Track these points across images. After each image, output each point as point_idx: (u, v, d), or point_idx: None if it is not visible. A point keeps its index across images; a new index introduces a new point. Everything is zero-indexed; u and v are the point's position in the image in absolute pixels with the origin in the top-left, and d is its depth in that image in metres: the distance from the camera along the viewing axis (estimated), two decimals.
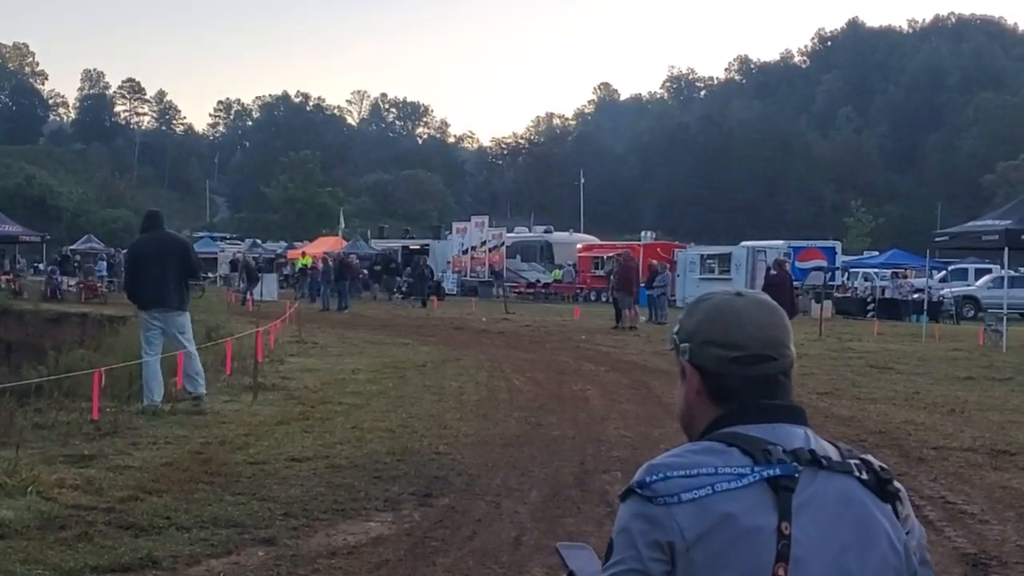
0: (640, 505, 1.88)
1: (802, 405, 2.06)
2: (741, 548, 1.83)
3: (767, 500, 1.86)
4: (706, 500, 1.85)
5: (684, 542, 1.84)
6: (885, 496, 1.96)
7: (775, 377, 2.02)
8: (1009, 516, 8.07)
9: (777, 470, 1.88)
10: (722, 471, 1.88)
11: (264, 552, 6.78)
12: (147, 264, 12.69)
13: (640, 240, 54.93)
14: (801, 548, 1.84)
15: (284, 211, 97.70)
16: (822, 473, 1.93)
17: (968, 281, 44.27)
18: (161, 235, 13.19)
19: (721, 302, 2.08)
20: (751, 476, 1.87)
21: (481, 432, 11.58)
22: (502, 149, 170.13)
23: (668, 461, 1.91)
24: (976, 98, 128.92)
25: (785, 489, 1.87)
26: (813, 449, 1.94)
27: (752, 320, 2.03)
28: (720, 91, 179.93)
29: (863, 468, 1.96)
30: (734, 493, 1.85)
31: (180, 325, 12.81)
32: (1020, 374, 18.37)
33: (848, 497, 1.93)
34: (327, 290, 41.49)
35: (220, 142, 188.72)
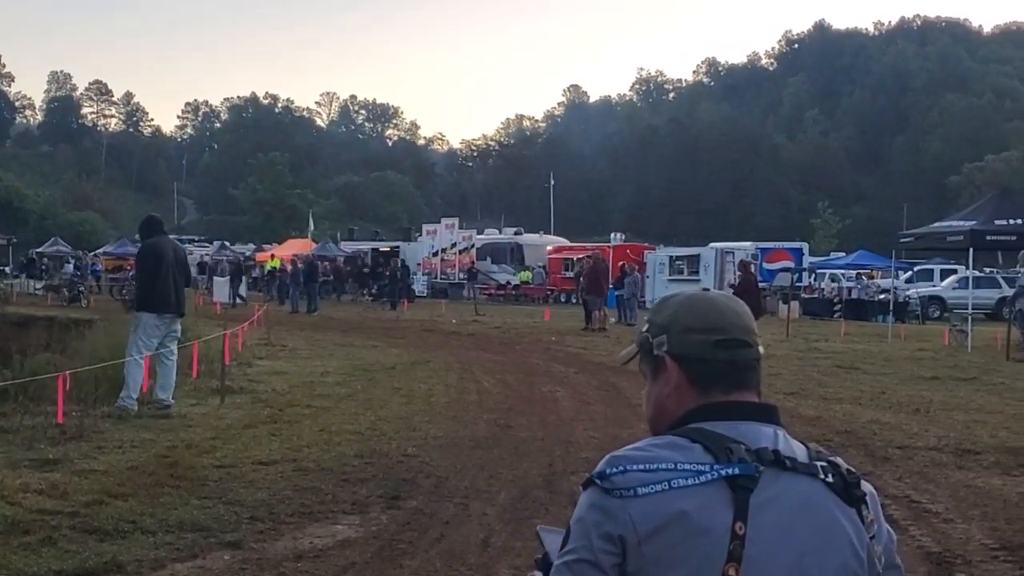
0: (597, 496, 1.88)
1: (774, 404, 2.06)
2: (693, 546, 1.82)
3: (724, 499, 1.85)
4: (662, 495, 1.84)
5: (636, 536, 1.83)
6: (851, 500, 1.94)
7: (752, 363, 2.04)
8: (973, 515, 8.14)
9: (736, 469, 1.87)
10: (681, 467, 1.86)
11: (230, 556, 6.76)
12: (168, 268, 12.67)
13: (610, 242, 55.09)
14: (755, 549, 1.83)
15: (253, 213, 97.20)
16: (785, 474, 1.91)
17: (934, 282, 44.62)
18: (171, 241, 13.30)
19: (693, 295, 2.10)
20: (709, 474, 1.86)
21: (450, 434, 11.58)
22: (472, 151, 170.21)
23: (629, 454, 1.91)
24: (941, 100, 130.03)
25: (743, 489, 1.86)
26: (778, 449, 1.93)
27: (728, 308, 2.06)
28: (688, 93, 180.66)
29: (829, 471, 1.95)
30: (691, 490, 1.84)
31: (177, 331, 12.95)
32: (985, 374, 18.54)
33: (810, 500, 1.91)
34: (296, 292, 41.35)
35: (188, 144, 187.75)
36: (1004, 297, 34.24)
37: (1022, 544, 7.25)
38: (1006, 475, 9.59)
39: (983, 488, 9.04)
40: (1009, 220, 24.99)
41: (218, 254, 60.88)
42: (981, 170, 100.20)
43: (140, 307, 12.95)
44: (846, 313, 37.95)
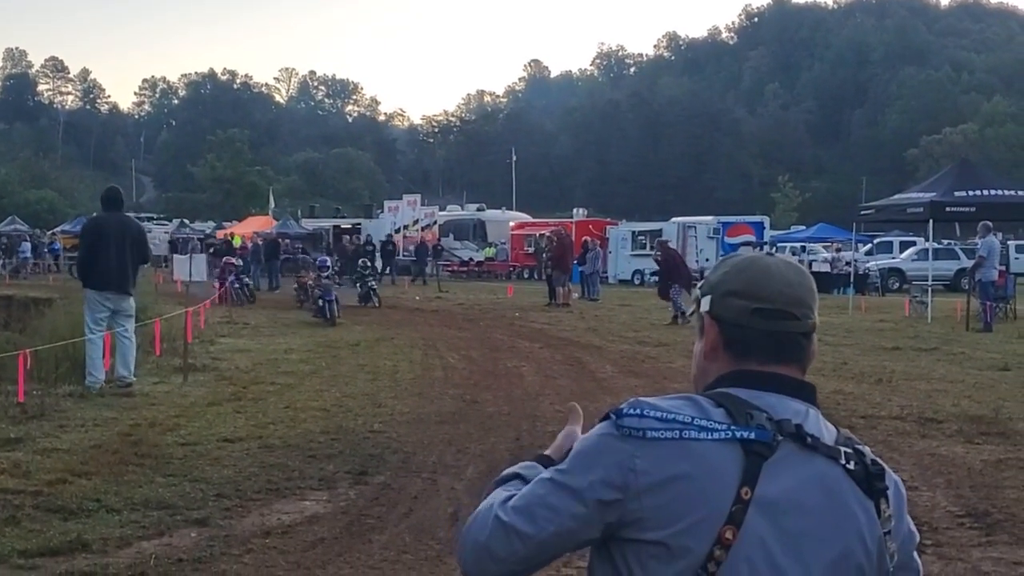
0: (609, 430, 1.86)
1: (812, 383, 2.00)
2: (693, 503, 1.80)
3: (735, 461, 1.81)
4: (670, 444, 1.81)
5: (637, 485, 1.81)
6: (871, 491, 1.89)
7: (794, 337, 1.97)
8: (938, 483, 8.22)
9: (752, 434, 1.82)
10: (697, 422, 1.83)
11: (197, 533, 6.71)
12: (108, 244, 12.42)
13: (572, 217, 55.08)
14: (759, 520, 1.80)
15: (212, 191, 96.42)
16: (804, 451, 1.87)
17: (893, 254, 44.96)
18: (121, 216, 12.97)
19: (752, 257, 2.05)
20: (724, 432, 1.82)
21: (416, 410, 11.56)
22: (433, 127, 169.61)
23: (651, 401, 1.88)
24: (900, 74, 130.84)
25: (756, 455, 1.82)
26: (800, 424, 1.88)
27: (780, 276, 1.98)
28: (649, 68, 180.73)
29: (853, 458, 1.90)
30: (702, 445, 1.81)
31: (128, 308, 12.66)
32: (945, 344, 18.71)
33: (825, 482, 1.87)
34: (257, 270, 41.07)
35: (146, 121, 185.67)
36: (963, 268, 34.58)
37: (987, 511, 7.33)
38: (969, 443, 9.69)
39: (947, 456, 9.12)
40: (968, 192, 25.18)
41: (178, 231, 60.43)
42: (939, 143, 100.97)
43: (83, 284, 12.84)
44: None
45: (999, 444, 9.63)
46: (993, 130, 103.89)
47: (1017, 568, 6.14)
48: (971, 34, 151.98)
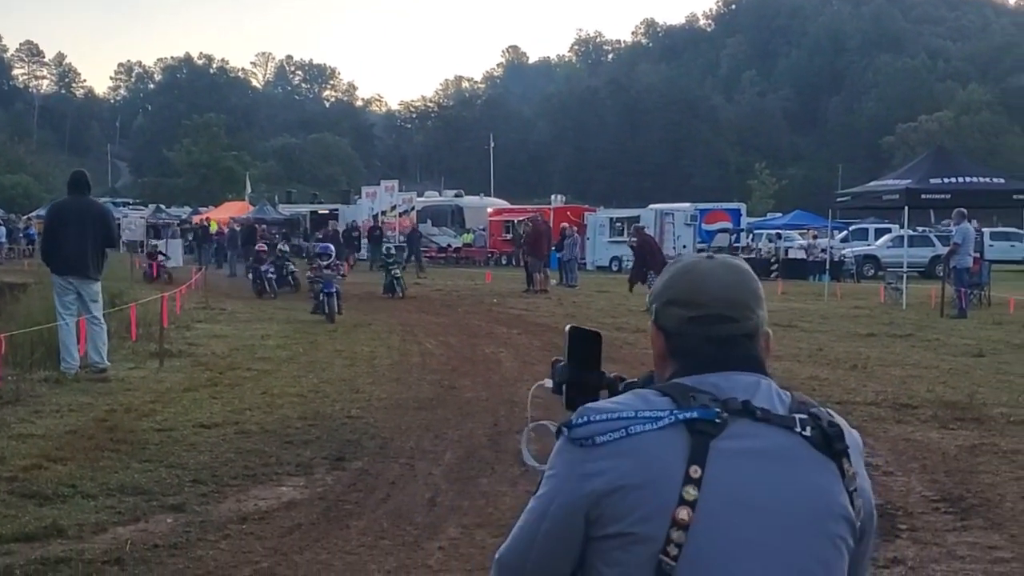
0: (564, 444, 1.93)
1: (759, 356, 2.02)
2: (646, 491, 1.84)
3: (681, 443, 1.85)
4: (619, 443, 1.86)
5: (593, 486, 1.87)
6: (831, 453, 1.92)
7: (735, 338, 2.00)
8: (913, 467, 8.27)
9: (695, 413, 1.87)
10: (641, 414, 1.88)
11: (173, 519, 6.69)
12: (68, 228, 12.33)
13: (550, 203, 55.07)
14: (712, 496, 1.83)
15: (188, 176, 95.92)
16: (756, 424, 1.90)
17: (868, 241, 45.16)
18: (84, 200, 12.85)
19: (688, 263, 2.09)
20: (667, 419, 1.87)
21: (394, 396, 11.55)
22: (411, 113, 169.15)
23: (597, 405, 1.94)
24: (876, 61, 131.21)
25: (702, 433, 1.85)
26: (748, 400, 1.91)
27: (716, 280, 2.01)
28: (627, 54, 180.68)
29: (808, 423, 1.92)
30: (648, 435, 1.86)
31: (93, 294, 12.54)
32: (920, 330, 18.81)
33: (780, 451, 1.89)
34: (234, 256, 40.94)
35: (121, 106, 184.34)
36: (937, 255, 34.77)
37: (961, 496, 7.38)
38: (943, 429, 9.75)
39: (922, 441, 9.18)
40: (943, 179, 25.30)
41: (153, 216, 60.11)
42: (915, 130, 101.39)
43: (48, 268, 12.81)
44: (783, 272, 38.33)
45: (973, 430, 9.70)
46: (968, 118, 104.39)
47: (992, 552, 6.18)
48: (947, 22, 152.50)
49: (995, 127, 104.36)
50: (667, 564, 1.81)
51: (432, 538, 6.45)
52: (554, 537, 1.93)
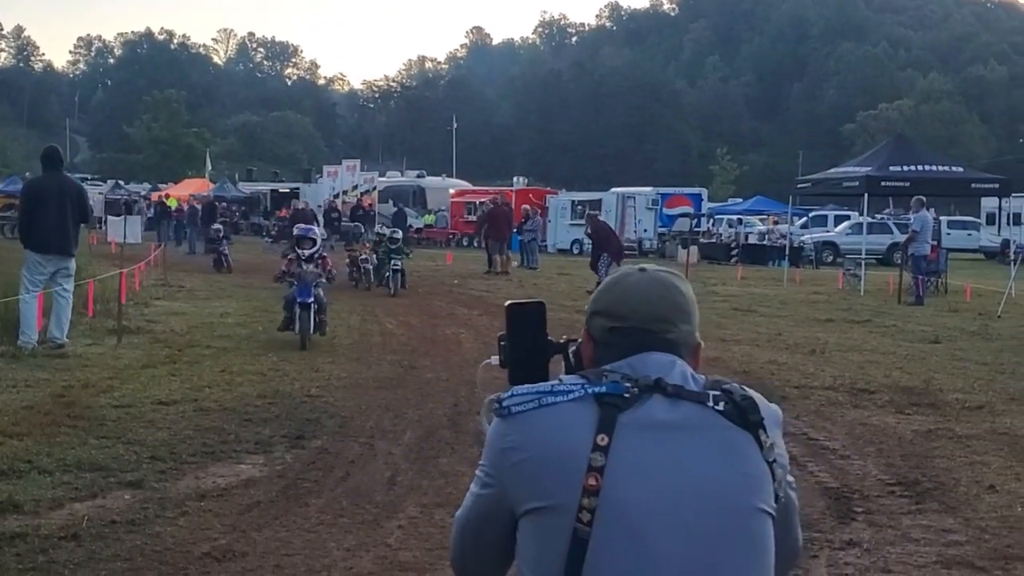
0: (495, 419, 2.03)
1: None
2: (557, 460, 1.92)
3: (590, 415, 1.94)
4: (531, 413, 1.96)
5: (509, 458, 1.97)
6: (747, 425, 1.98)
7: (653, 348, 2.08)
8: (869, 451, 8.35)
9: (604, 388, 1.96)
10: (556, 388, 1.98)
11: (130, 495, 6.65)
12: (46, 206, 12.20)
13: (512, 186, 55.04)
14: (621, 462, 1.90)
15: (148, 152, 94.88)
16: (668, 399, 1.97)
17: (828, 227, 45.49)
18: (60, 177, 12.71)
19: (617, 276, 2.17)
20: (578, 391, 1.96)
21: (354, 375, 11.52)
22: (374, 92, 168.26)
23: (523, 387, 2.03)
24: (838, 49, 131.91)
25: (610, 405, 1.93)
26: (660, 377, 1.98)
27: (640, 294, 2.09)
28: (591, 38, 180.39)
29: (722, 399, 1.99)
30: (559, 407, 1.96)
31: (68, 270, 12.48)
32: (877, 316, 18.99)
33: (692, 424, 1.96)
34: (193, 233, 40.65)
35: (81, 80, 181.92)
36: (896, 243, 35.06)
37: (916, 480, 7.47)
38: (900, 413, 9.86)
39: (878, 426, 9.27)
40: (903, 167, 25.54)
41: (112, 192, 59.53)
42: (875, 118, 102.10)
43: (24, 245, 12.63)
44: (743, 258, 38.57)
45: (929, 415, 9.81)
46: (929, 107, 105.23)
47: (946, 535, 6.26)
48: (909, 11, 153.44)
49: (954, 116, 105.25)
50: (582, 530, 1.88)
51: (391, 517, 6.45)
52: (486, 506, 2.04)
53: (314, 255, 14.02)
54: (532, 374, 2.17)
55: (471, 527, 2.08)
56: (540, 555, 1.93)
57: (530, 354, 2.25)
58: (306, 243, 14.11)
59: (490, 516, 2.04)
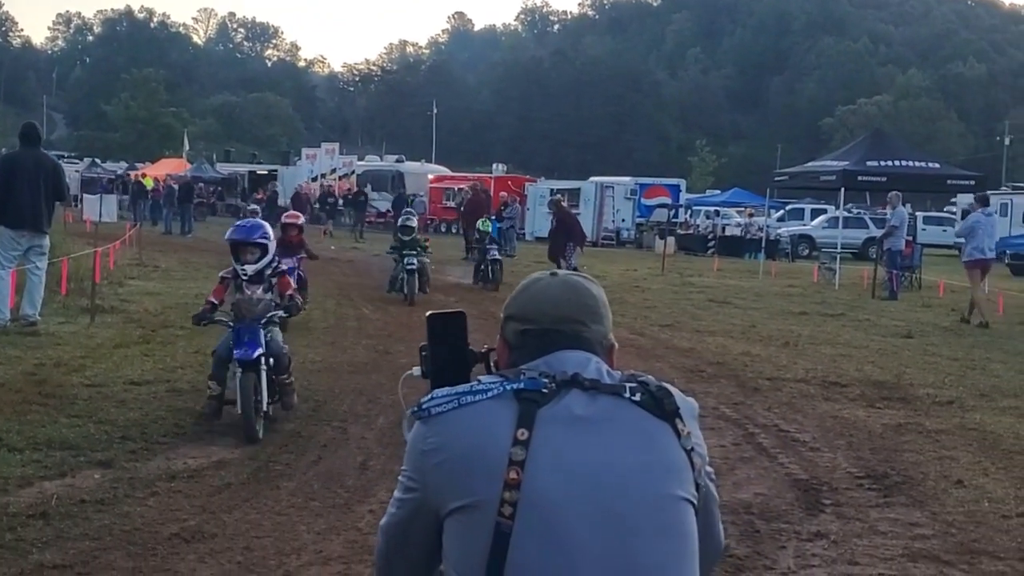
0: (415, 423, 2.07)
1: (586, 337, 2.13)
2: (479, 457, 1.95)
3: (510, 411, 1.97)
4: (451, 413, 1.99)
5: (429, 459, 2.00)
6: (663, 414, 2.03)
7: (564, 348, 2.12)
8: (839, 444, 8.41)
9: (523, 384, 1.99)
10: (474, 388, 2.02)
11: (100, 475, 6.63)
12: (22, 182, 12.09)
13: (491, 172, 54.93)
14: (540, 456, 1.93)
15: (125, 130, 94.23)
16: (585, 393, 2.01)
17: (804, 221, 45.64)
18: (37, 153, 12.61)
19: (530, 281, 2.22)
20: (496, 389, 1.99)
21: (328, 359, 11.51)
22: (354, 75, 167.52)
23: (443, 390, 2.06)
24: (819, 43, 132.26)
25: (529, 401, 1.97)
26: (577, 372, 2.03)
27: (549, 298, 2.15)
28: (573, 26, 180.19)
29: (638, 390, 2.04)
30: (478, 405, 1.99)
31: (42, 247, 12.41)
32: (851, 310, 19.09)
33: (611, 415, 2.00)
34: (169, 213, 40.46)
35: (59, 57, 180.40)
36: (871, 237, 35.23)
37: (885, 473, 7.52)
38: (871, 407, 9.92)
39: (849, 419, 9.33)
40: (880, 162, 25.65)
41: (88, 171, 59.14)
42: (854, 113, 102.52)
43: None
44: (719, 249, 38.66)
45: (900, 409, 9.88)
46: (907, 103, 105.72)
47: (913, 529, 6.31)
48: (890, 6, 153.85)
49: (932, 113, 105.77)
50: (504, 524, 1.91)
51: (362, 501, 6.45)
52: (409, 509, 2.06)
53: (264, 271, 8.47)
54: (454, 384, 2.17)
55: (397, 533, 2.10)
56: (464, 553, 1.95)
57: (451, 364, 2.26)
58: (248, 251, 8.43)
59: (415, 520, 2.06)
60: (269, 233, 8.66)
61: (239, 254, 8.48)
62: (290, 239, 14.54)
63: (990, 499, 6.98)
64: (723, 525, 2.23)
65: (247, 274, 8.41)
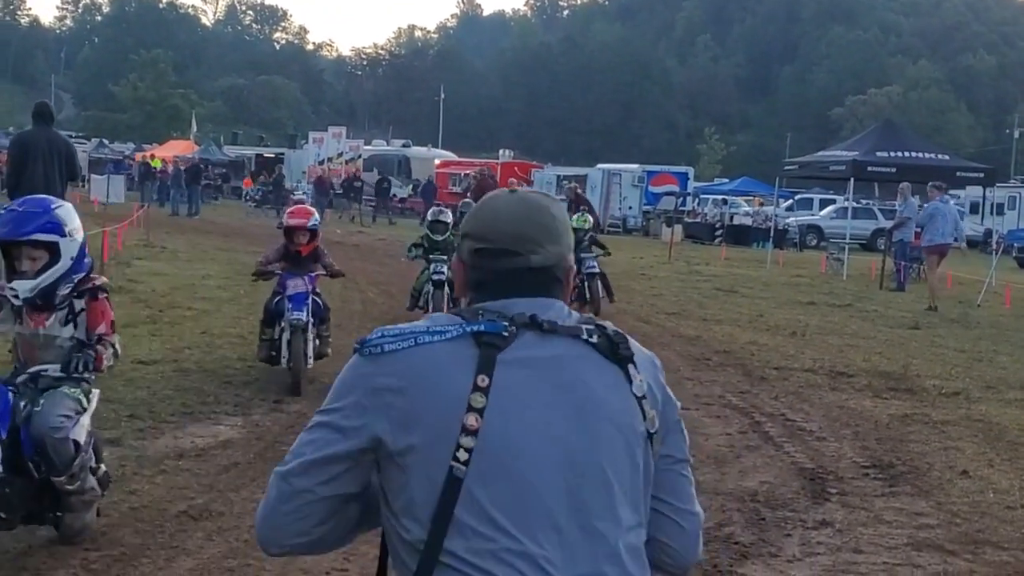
0: (356, 360, 2.00)
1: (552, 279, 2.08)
2: (435, 399, 1.90)
3: (468, 355, 1.93)
4: (406, 352, 1.94)
5: (381, 398, 1.93)
6: (617, 358, 2.01)
7: (520, 272, 2.05)
8: (845, 434, 8.41)
9: (482, 326, 1.95)
10: (432, 329, 1.96)
11: (108, 452, 6.61)
12: (36, 161, 12.11)
13: (498, 158, 54.89)
14: (500, 401, 1.90)
15: (133, 111, 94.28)
16: (544, 336, 1.98)
17: (813, 211, 45.57)
18: (50, 132, 12.61)
19: (487, 199, 2.16)
20: (455, 330, 1.95)
21: (334, 342, 11.49)
22: (362, 60, 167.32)
23: (392, 327, 2.01)
24: (829, 32, 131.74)
25: (489, 345, 1.93)
26: (535, 314, 1.99)
27: (506, 214, 2.08)
28: (583, 12, 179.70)
29: (595, 332, 2.01)
30: (435, 346, 1.94)
31: None
32: (859, 301, 19.07)
33: (567, 356, 1.98)
34: (177, 195, 40.49)
35: (67, 36, 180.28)
36: (880, 228, 35.17)
37: (891, 463, 7.53)
38: (877, 397, 9.93)
39: (855, 409, 9.34)
40: (890, 153, 25.59)
41: (96, 151, 59.18)
42: (864, 103, 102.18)
43: (10, 199, 12.56)
44: (727, 238, 38.62)
45: (906, 399, 9.88)
46: (917, 93, 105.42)
47: (917, 518, 6.32)
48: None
49: (942, 104, 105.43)
50: (458, 469, 1.87)
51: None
52: (342, 449, 1.95)
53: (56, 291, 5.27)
54: None
55: (315, 473, 1.97)
56: (412, 495, 1.91)
57: None
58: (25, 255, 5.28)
59: (346, 459, 1.96)
60: (65, 221, 5.19)
61: (10, 259, 5.25)
62: (299, 250, 9.48)
63: (995, 490, 6.98)
64: (729, 512, 2.22)
65: (19, 296, 5.10)
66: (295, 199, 20.00)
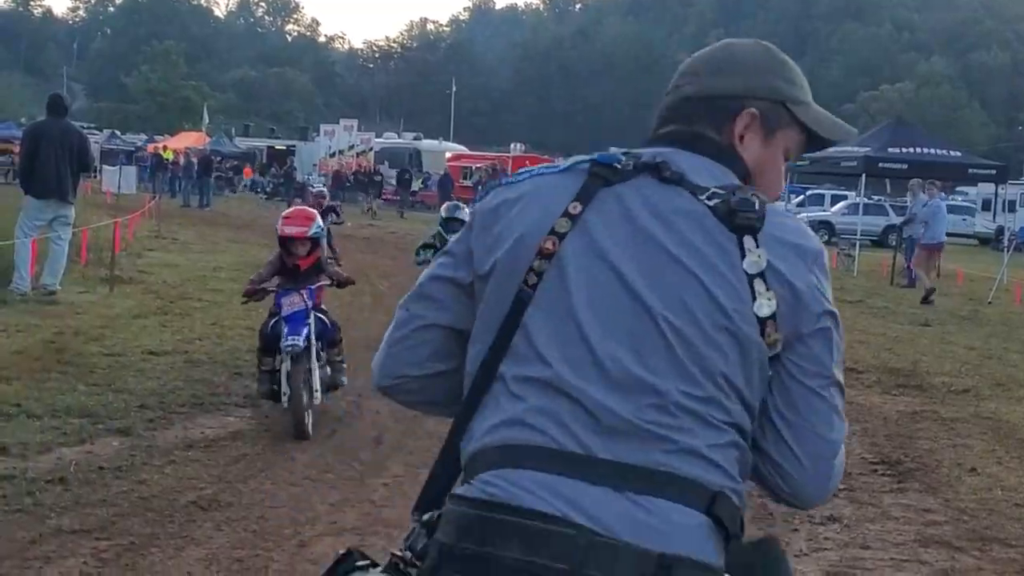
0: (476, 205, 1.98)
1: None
2: (519, 220, 1.83)
3: (574, 182, 1.85)
4: (523, 182, 1.91)
5: (477, 216, 1.92)
6: (734, 227, 1.76)
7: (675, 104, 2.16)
8: (854, 430, 8.37)
9: (596, 156, 1.89)
10: (550, 166, 1.94)
11: (118, 442, 6.68)
12: (49, 152, 12.16)
13: (510, 152, 54.87)
14: (583, 231, 1.79)
15: (145, 103, 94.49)
16: (663, 184, 1.82)
17: (824, 207, 45.45)
18: (63, 123, 12.68)
19: None
20: (570, 163, 1.92)
21: (344, 335, 11.51)
22: (374, 52, 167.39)
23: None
24: (841, 28, 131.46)
25: (597, 176, 1.84)
26: (664, 161, 1.84)
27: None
28: (595, 7, 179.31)
29: (718, 196, 1.79)
30: (546, 176, 1.90)
31: (68, 217, 12.51)
32: (870, 297, 19.04)
33: (671, 210, 1.79)
34: (188, 186, 40.58)
35: (80, 27, 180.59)
36: (891, 225, 35.07)
37: (900, 459, 7.53)
38: (886, 394, 9.92)
39: (864, 405, 9.33)
40: (902, 149, 25.55)
41: (108, 142, 59.29)
42: (876, 99, 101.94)
43: (24, 190, 12.63)
44: None
45: (915, 396, 9.88)
46: (929, 90, 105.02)
47: (925, 515, 6.32)
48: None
49: (954, 101, 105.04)
50: (525, 291, 1.77)
51: (376, 475, 6.49)
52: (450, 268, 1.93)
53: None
54: None
55: (423, 300, 1.97)
56: (483, 320, 1.83)
57: None
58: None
59: (451, 283, 1.93)
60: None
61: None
62: (298, 264, 8.12)
63: (1003, 487, 6.98)
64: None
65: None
66: (315, 191, 19.49)
